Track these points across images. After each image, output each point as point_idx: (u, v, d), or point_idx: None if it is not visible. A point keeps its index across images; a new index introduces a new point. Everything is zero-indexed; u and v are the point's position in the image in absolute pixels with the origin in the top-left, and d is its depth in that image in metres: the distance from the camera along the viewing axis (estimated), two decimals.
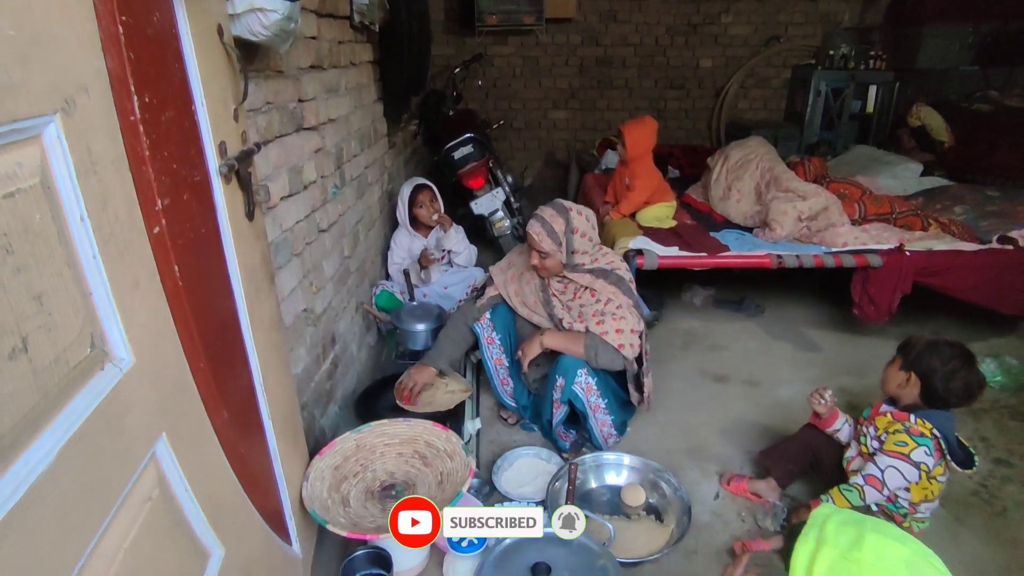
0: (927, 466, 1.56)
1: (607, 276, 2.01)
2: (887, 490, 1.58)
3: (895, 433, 1.61)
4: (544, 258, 1.96)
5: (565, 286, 2.06)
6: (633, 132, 3.02)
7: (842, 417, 1.86)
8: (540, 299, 2.09)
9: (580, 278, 2.01)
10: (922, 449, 1.56)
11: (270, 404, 1.34)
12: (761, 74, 5.46)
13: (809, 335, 3.09)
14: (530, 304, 2.12)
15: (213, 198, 1.10)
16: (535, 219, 1.97)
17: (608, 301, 1.98)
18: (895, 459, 1.58)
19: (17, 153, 0.59)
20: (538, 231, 1.94)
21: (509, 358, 2.19)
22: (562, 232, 1.95)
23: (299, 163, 1.94)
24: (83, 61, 0.71)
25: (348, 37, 2.53)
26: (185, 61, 1.01)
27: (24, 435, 0.58)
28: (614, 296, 1.98)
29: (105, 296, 0.72)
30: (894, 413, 1.66)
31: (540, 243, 1.94)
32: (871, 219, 2.89)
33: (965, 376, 1.57)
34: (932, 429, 1.57)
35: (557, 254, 1.96)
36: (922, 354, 1.62)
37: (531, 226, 1.96)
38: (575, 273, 2.01)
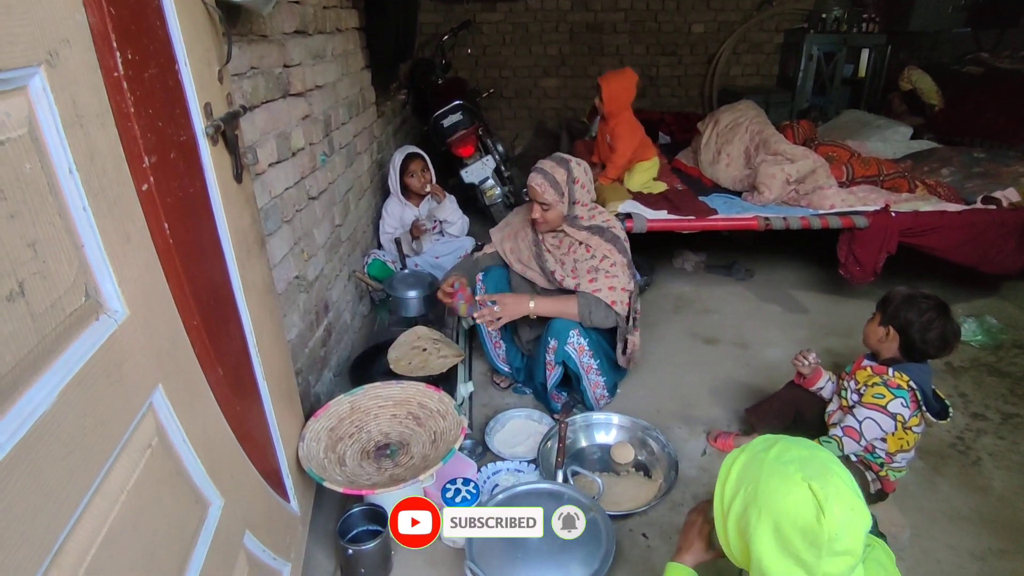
0: (903, 417, 1.61)
1: (603, 233, 2.03)
2: (864, 440, 1.64)
3: (873, 386, 1.66)
4: (546, 210, 1.98)
5: (560, 241, 2.08)
6: (612, 84, 2.92)
7: (825, 375, 1.91)
8: (533, 253, 2.11)
9: (576, 233, 2.03)
10: (899, 400, 1.61)
11: (264, 366, 1.36)
12: (753, 39, 5.40)
13: (797, 297, 3.13)
14: (524, 259, 2.14)
15: (200, 158, 1.11)
16: (536, 172, 1.98)
17: (603, 258, 2.00)
18: (873, 411, 1.63)
19: (4, 103, 0.60)
20: (540, 182, 1.95)
21: None
22: (564, 182, 1.97)
23: (287, 129, 1.94)
24: (64, 14, 0.71)
25: (333, 2, 2.50)
26: (167, 20, 1.00)
27: (25, 375, 0.60)
28: (609, 253, 2.01)
29: (97, 248, 0.74)
30: (873, 367, 1.70)
31: (543, 194, 1.95)
32: (859, 181, 2.91)
33: (940, 327, 1.62)
34: (909, 381, 1.62)
35: (559, 205, 1.98)
36: (899, 308, 1.66)
37: (532, 178, 1.97)
38: (572, 228, 2.04)
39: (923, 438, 2.03)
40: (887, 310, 1.69)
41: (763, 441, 1.04)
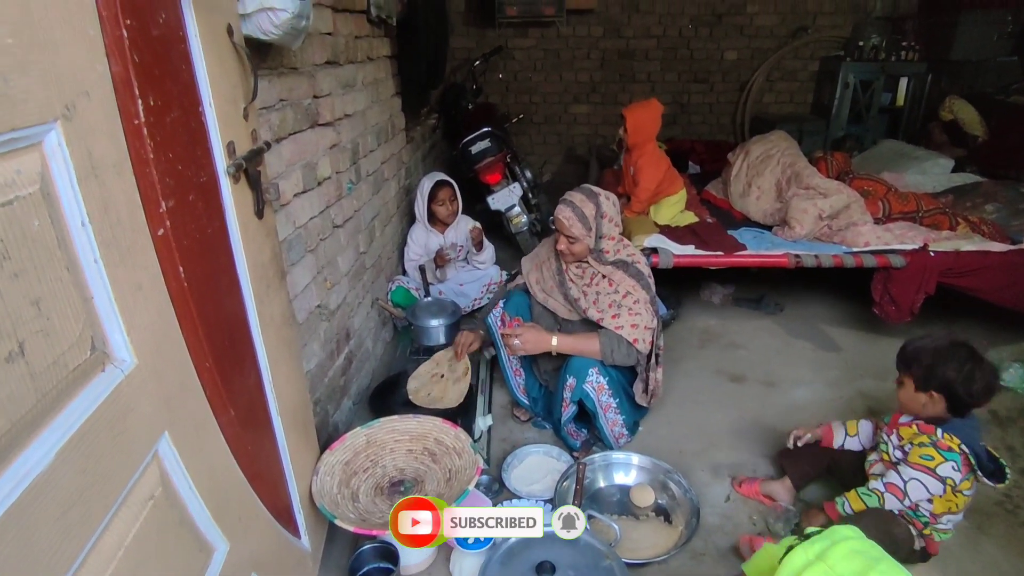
0: (953, 481, 1.52)
1: (627, 268, 2.01)
2: (908, 500, 1.55)
3: (921, 446, 1.56)
4: (573, 243, 1.97)
5: (583, 271, 2.06)
6: (635, 115, 2.92)
7: (840, 431, 1.83)
8: (555, 281, 2.09)
9: (600, 267, 2.02)
10: (949, 464, 1.52)
11: (279, 400, 1.35)
12: (788, 66, 5.33)
13: (829, 333, 3.03)
14: (547, 288, 2.13)
15: (221, 198, 1.11)
16: (564, 204, 1.97)
17: (626, 294, 1.97)
18: (920, 472, 1.54)
19: (16, 161, 0.60)
20: (568, 216, 1.94)
21: None
22: (592, 217, 1.95)
23: (313, 159, 1.95)
24: (85, 66, 0.72)
25: (365, 32, 2.54)
26: (193, 62, 1.01)
27: (21, 437, 0.59)
28: (632, 290, 1.98)
29: (107, 299, 0.73)
30: (920, 425, 1.60)
31: (570, 228, 1.94)
32: (896, 217, 2.81)
33: (982, 376, 1.52)
34: (960, 444, 1.52)
35: (586, 239, 1.96)
36: (933, 368, 1.55)
37: (560, 211, 1.96)
38: (597, 262, 2.02)
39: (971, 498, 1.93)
40: (920, 373, 1.58)
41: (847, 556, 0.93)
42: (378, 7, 2.53)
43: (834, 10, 5.15)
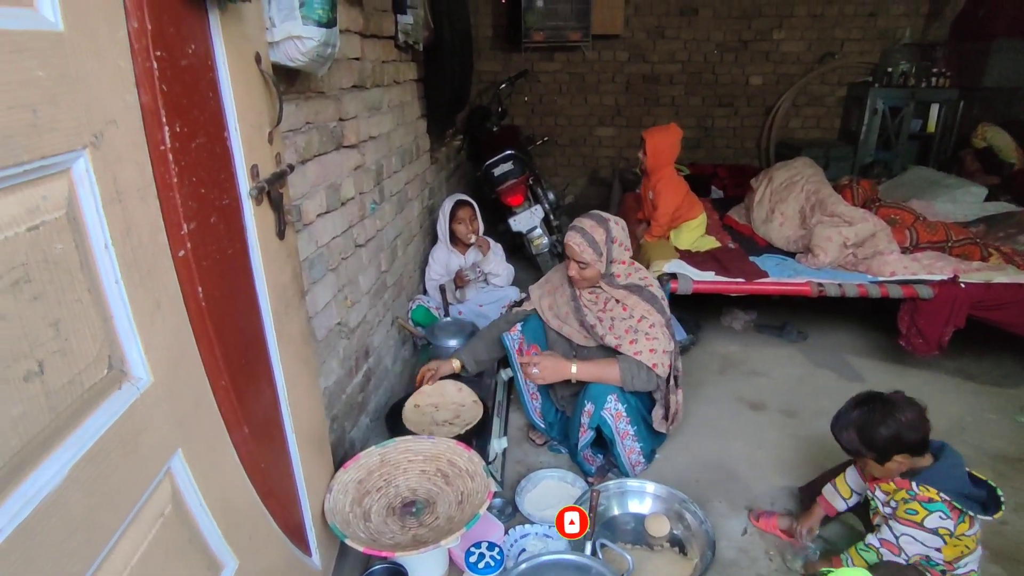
0: (947, 529, 1.46)
1: (640, 292, 2.00)
2: (904, 555, 1.50)
3: (904, 501, 1.50)
4: (583, 268, 1.98)
5: (596, 296, 2.06)
6: (655, 138, 2.93)
7: (837, 499, 1.78)
8: (571, 308, 2.09)
9: (613, 291, 2.01)
10: (935, 515, 1.45)
11: (295, 418, 1.37)
12: (814, 92, 5.29)
13: (853, 364, 2.96)
14: (561, 315, 2.13)
15: (243, 219, 1.14)
16: (574, 230, 1.98)
17: (641, 318, 1.97)
18: (909, 527, 1.48)
19: (43, 188, 0.63)
20: (578, 242, 1.95)
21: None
22: (603, 242, 1.96)
23: (337, 180, 1.99)
24: (115, 96, 0.75)
25: (392, 56, 2.59)
26: (220, 89, 1.05)
27: (33, 455, 0.61)
28: (647, 314, 1.97)
29: (126, 319, 0.76)
30: (896, 481, 1.54)
31: (581, 254, 1.95)
32: (924, 247, 2.75)
33: (914, 412, 1.49)
34: (939, 493, 1.46)
35: (597, 264, 1.97)
36: (880, 437, 1.49)
37: (570, 237, 1.97)
38: (609, 286, 2.02)
39: (998, 538, 1.85)
40: (874, 447, 1.51)
41: None
42: (405, 33, 2.59)
43: (862, 36, 5.11)
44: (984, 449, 2.31)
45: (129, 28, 0.78)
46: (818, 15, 5.06)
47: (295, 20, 1.32)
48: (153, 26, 0.82)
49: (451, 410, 2.32)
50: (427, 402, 2.34)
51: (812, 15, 5.06)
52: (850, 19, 5.06)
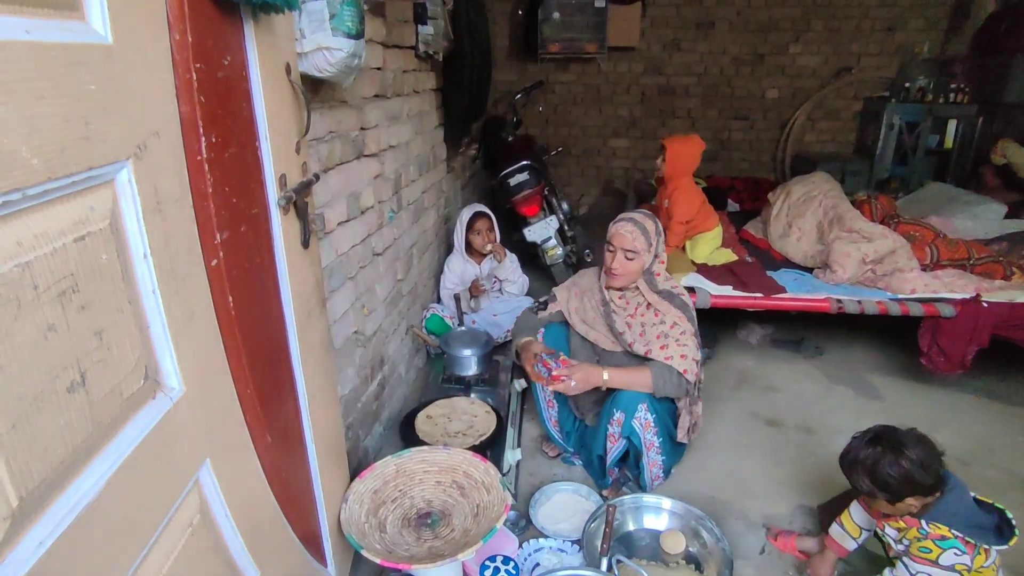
0: (965, 565, 1.42)
1: (672, 299, 1.99)
2: None
3: (916, 540, 1.47)
4: (630, 259, 1.94)
5: (627, 302, 2.04)
6: (676, 146, 2.93)
7: (847, 539, 1.73)
8: (600, 313, 2.07)
9: (648, 294, 2.00)
10: (950, 552, 1.42)
11: (314, 427, 1.37)
12: (830, 106, 5.28)
13: (871, 381, 2.93)
14: (589, 320, 2.11)
15: (271, 229, 1.15)
16: (626, 220, 1.95)
17: (673, 325, 1.95)
18: (924, 565, 1.44)
19: (90, 198, 0.63)
20: (630, 229, 1.92)
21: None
22: (653, 233, 1.95)
23: (358, 189, 2.00)
24: (158, 108, 0.76)
25: (412, 66, 2.61)
26: (252, 100, 1.06)
27: (75, 465, 0.61)
28: (679, 320, 1.95)
29: (161, 329, 0.76)
30: (906, 520, 1.51)
31: (633, 240, 1.91)
32: (944, 264, 2.73)
33: (926, 452, 1.44)
34: (950, 529, 1.43)
35: (645, 255, 1.94)
36: (892, 479, 1.45)
37: (621, 226, 1.94)
38: (646, 286, 2.00)
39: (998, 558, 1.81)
40: (888, 489, 1.47)
41: None
42: (426, 43, 2.61)
43: (879, 51, 5.10)
44: (1015, 472, 2.26)
45: (171, 40, 0.79)
46: (835, 29, 5.06)
47: (325, 31, 1.34)
48: (194, 38, 0.83)
49: (464, 420, 2.32)
50: (439, 412, 2.35)
51: (829, 29, 5.06)
52: (867, 34, 5.05)
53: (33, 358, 0.55)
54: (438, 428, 2.27)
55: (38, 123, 0.55)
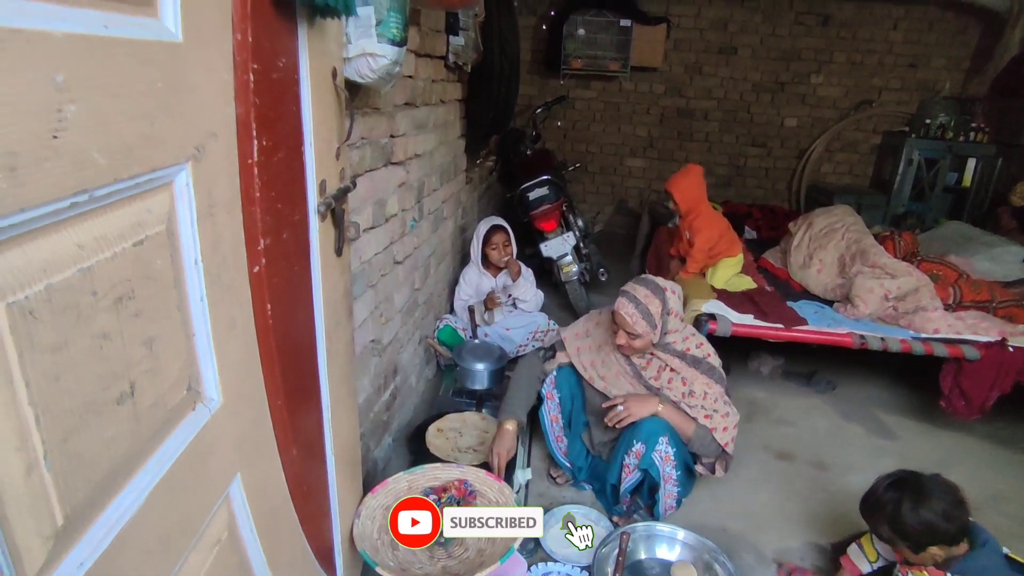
0: None
1: (698, 365, 1.91)
2: None
3: None
4: (634, 339, 1.85)
5: (648, 362, 1.96)
6: (679, 186, 2.93)
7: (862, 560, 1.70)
8: (625, 371, 1.98)
9: (669, 359, 1.92)
10: None
11: (335, 439, 1.34)
12: (848, 137, 5.28)
13: (884, 420, 2.89)
14: (611, 377, 2.01)
15: (308, 235, 1.12)
16: (627, 298, 1.84)
17: (705, 395, 1.89)
18: None
19: (149, 201, 0.61)
20: (631, 312, 1.81)
21: (566, 418, 2.12)
22: (659, 314, 1.83)
23: (384, 196, 1.98)
24: (216, 109, 0.73)
25: (441, 76, 2.60)
26: (301, 103, 1.04)
27: (117, 481, 0.58)
28: (708, 388, 1.89)
29: (205, 337, 0.73)
30: (930, 571, 1.47)
31: (634, 326, 1.81)
32: (967, 306, 2.69)
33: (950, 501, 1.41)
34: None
35: (650, 335, 1.85)
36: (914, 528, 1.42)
37: (622, 306, 1.83)
38: (664, 352, 1.93)
39: None
40: (908, 539, 1.44)
41: None
42: (456, 54, 2.60)
43: (900, 87, 5.11)
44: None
45: (234, 40, 0.76)
46: (857, 62, 5.06)
47: (371, 37, 1.32)
48: (254, 39, 0.80)
49: (475, 436, 2.28)
50: (450, 426, 2.31)
51: (851, 62, 5.07)
52: (889, 68, 5.06)
53: (87, 368, 0.52)
54: (448, 442, 2.23)
55: (108, 121, 0.52)
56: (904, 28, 4.96)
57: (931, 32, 4.94)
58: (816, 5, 4.94)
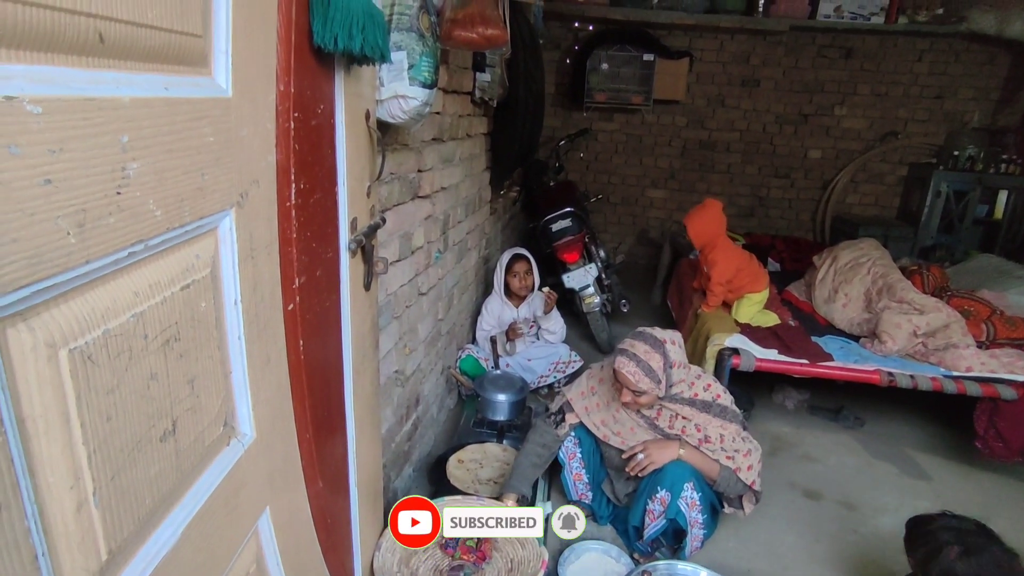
0: None
1: (709, 409, 1.89)
2: None
3: None
4: (639, 396, 1.82)
5: (659, 412, 1.94)
6: (695, 222, 2.93)
7: None
8: (639, 424, 1.96)
9: (679, 408, 1.90)
10: None
11: (358, 471, 1.35)
12: (874, 169, 5.24)
13: (916, 459, 2.80)
14: (626, 432, 1.98)
15: (339, 272, 1.15)
16: (626, 356, 1.79)
17: (721, 438, 1.87)
18: None
19: (197, 247, 0.64)
20: (633, 371, 1.76)
21: (589, 473, 2.11)
22: (660, 370, 1.79)
23: (410, 230, 2.02)
24: (259, 157, 0.77)
25: (468, 111, 2.67)
26: (336, 146, 1.08)
27: (157, 516, 0.60)
28: (724, 429, 1.87)
29: (242, 374, 0.76)
30: None
31: (637, 384, 1.77)
32: (1002, 343, 2.63)
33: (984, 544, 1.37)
34: None
35: (655, 391, 1.81)
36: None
37: (623, 365, 1.78)
38: (671, 403, 1.91)
39: None
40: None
41: None
42: (482, 90, 2.67)
43: (927, 118, 5.07)
44: None
45: (277, 91, 0.81)
46: (882, 94, 5.05)
47: (403, 80, 1.37)
48: (296, 89, 0.85)
49: (496, 468, 2.28)
50: (471, 457, 2.31)
51: (875, 94, 5.06)
52: (915, 100, 5.03)
53: (136, 407, 0.54)
54: (469, 474, 2.23)
55: (164, 176, 0.56)
56: (929, 60, 4.95)
57: (957, 63, 4.92)
58: (839, 39, 4.95)
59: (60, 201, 0.43)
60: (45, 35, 0.42)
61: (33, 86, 0.41)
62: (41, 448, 0.45)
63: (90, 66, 0.47)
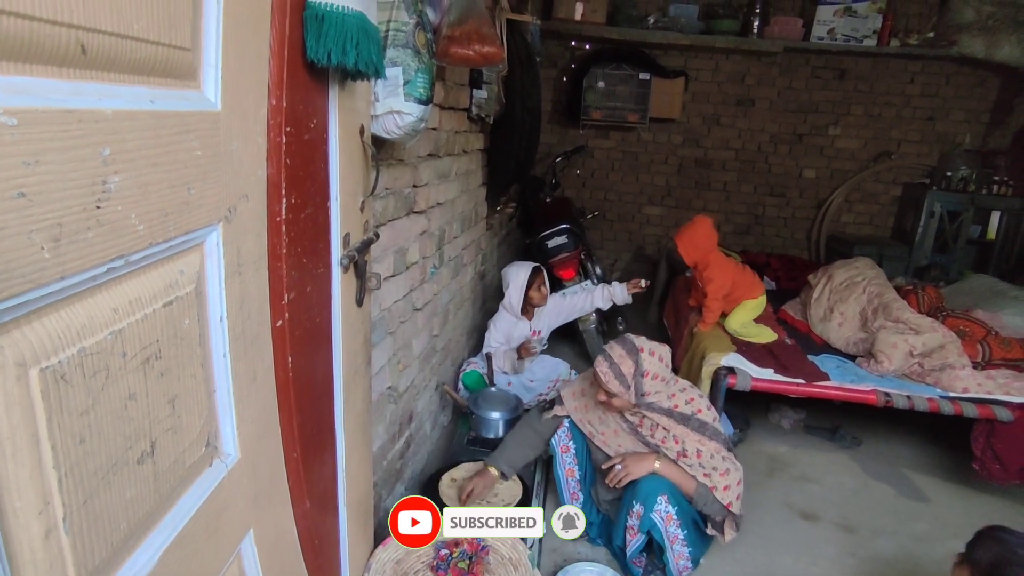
0: None
1: (687, 422, 1.88)
2: None
3: None
4: (611, 397, 1.85)
5: (640, 420, 1.94)
6: (685, 240, 2.93)
7: None
8: (622, 428, 1.97)
9: (657, 418, 1.90)
10: None
11: (349, 490, 1.33)
12: (868, 189, 5.27)
13: (914, 480, 2.78)
14: (609, 434, 2.01)
15: (331, 287, 1.14)
16: (603, 356, 1.86)
17: (699, 452, 1.86)
18: None
19: (181, 262, 0.62)
20: (605, 371, 1.83)
21: (581, 471, 2.10)
22: (630, 375, 1.82)
23: (405, 245, 2.01)
24: (249, 171, 0.76)
25: (464, 127, 2.67)
26: (329, 160, 1.07)
27: (132, 541, 0.58)
28: (702, 444, 1.86)
29: (226, 393, 0.74)
30: None
31: (607, 384, 1.82)
32: (997, 364, 2.62)
33: None
34: None
35: (625, 395, 1.84)
36: None
37: (598, 363, 1.85)
38: (648, 411, 1.91)
39: None
40: None
41: None
42: (479, 107, 2.67)
43: (920, 139, 5.11)
44: None
45: (269, 105, 0.80)
46: (875, 115, 5.09)
47: (398, 96, 1.37)
48: (288, 103, 0.84)
49: None
50: (463, 476, 2.27)
51: (869, 115, 5.10)
52: (908, 121, 5.08)
53: (111, 429, 0.53)
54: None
55: (148, 190, 0.54)
56: (921, 82, 5.00)
57: (948, 86, 4.98)
58: (832, 60, 5.01)
59: (34, 215, 0.42)
60: (22, 45, 0.41)
61: (7, 97, 0.40)
62: (8, 471, 0.43)
63: (71, 77, 0.46)
